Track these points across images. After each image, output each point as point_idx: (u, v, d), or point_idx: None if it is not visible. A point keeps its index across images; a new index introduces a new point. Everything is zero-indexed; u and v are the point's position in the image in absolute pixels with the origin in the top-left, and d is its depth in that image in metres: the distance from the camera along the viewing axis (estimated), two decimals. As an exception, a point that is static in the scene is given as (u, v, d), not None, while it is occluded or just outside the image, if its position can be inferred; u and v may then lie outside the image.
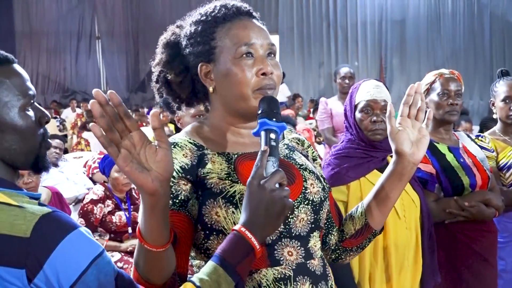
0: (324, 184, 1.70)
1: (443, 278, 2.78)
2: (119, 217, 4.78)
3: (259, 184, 1.29)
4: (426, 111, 1.72)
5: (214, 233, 1.51)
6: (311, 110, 13.11)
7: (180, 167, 1.51)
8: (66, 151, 9.81)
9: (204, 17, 1.60)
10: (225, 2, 1.63)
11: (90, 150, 9.75)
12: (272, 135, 1.39)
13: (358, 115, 2.61)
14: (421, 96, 1.68)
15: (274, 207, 1.29)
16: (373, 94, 2.58)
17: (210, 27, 1.58)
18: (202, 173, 1.53)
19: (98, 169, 5.97)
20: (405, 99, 1.67)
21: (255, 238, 1.29)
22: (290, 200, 1.32)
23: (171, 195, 1.47)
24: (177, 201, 1.49)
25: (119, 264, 4.53)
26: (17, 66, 1.49)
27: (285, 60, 16.88)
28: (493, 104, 3.44)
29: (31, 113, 1.46)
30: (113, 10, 19.76)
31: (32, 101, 1.47)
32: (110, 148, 1.26)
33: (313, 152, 1.82)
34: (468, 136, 3.22)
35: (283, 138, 1.78)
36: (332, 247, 1.80)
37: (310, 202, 1.59)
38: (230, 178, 1.52)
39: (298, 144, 1.79)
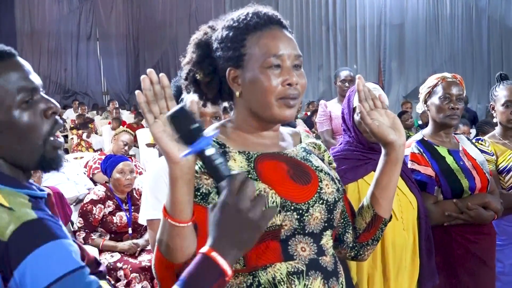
0: (339, 185, 1.74)
1: (441, 281, 2.79)
2: (120, 217, 4.78)
3: (235, 206, 1.25)
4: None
5: None
6: (308, 113, 13.03)
7: None
8: (67, 152, 9.84)
9: (236, 24, 1.63)
10: (257, 9, 1.66)
11: (93, 150, 9.79)
12: (208, 152, 1.34)
13: (356, 117, 2.61)
14: (365, 88, 1.77)
15: (251, 227, 1.25)
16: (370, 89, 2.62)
17: (241, 34, 1.61)
18: None
19: (98, 170, 6.00)
20: (359, 96, 1.76)
21: (227, 261, 1.24)
22: (268, 210, 1.28)
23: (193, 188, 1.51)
24: (198, 193, 1.53)
25: (119, 265, 4.51)
26: (13, 60, 1.42)
27: (285, 63, 16.97)
28: (493, 108, 3.45)
29: (32, 108, 1.39)
30: (114, 12, 19.84)
31: (32, 95, 1.40)
32: (148, 114, 1.38)
33: (329, 156, 1.87)
34: (468, 139, 3.21)
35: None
36: (350, 245, 1.84)
37: (324, 201, 1.63)
38: (249, 176, 1.57)
39: (315, 148, 1.83)
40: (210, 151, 1.34)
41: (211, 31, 1.72)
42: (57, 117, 1.45)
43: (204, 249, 1.25)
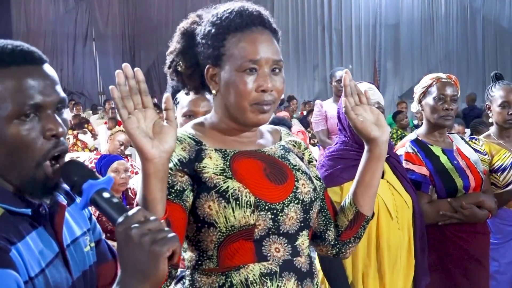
0: (316, 185, 1.73)
1: (436, 279, 2.80)
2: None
3: (125, 232, 1.16)
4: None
5: (206, 225, 1.55)
6: (304, 112, 13.10)
7: (178, 160, 1.53)
8: None
9: (219, 21, 1.61)
10: (242, 7, 1.62)
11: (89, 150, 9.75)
12: (106, 195, 1.25)
13: None
14: (351, 83, 1.77)
15: (145, 253, 1.14)
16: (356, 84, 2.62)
17: (221, 33, 1.59)
18: (198, 167, 1.55)
19: (95, 169, 6.06)
20: (345, 92, 1.75)
21: None
22: (167, 237, 1.16)
23: (168, 185, 1.47)
24: (172, 191, 1.51)
25: None
26: (19, 69, 1.28)
27: (280, 63, 17.03)
28: (488, 108, 3.44)
29: (30, 123, 1.27)
30: (110, 12, 19.72)
31: (35, 109, 1.27)
32: (122, 109, 1.33)
33: (310, 154, 1.85)
34: (462, 138, 3.21)
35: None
36: (332, 243, 1.83)
37: (300, 201, 1.61)
38: (224, 174, 1.55)
39: (295, 146, 1.81)
40: (101, 196, 1.24)
41: (199, 20, 1.70)
42: (62, 140, 1.33)
43: None
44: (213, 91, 1.64)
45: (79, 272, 1.40)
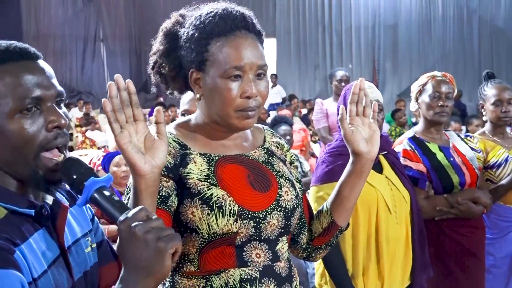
0: (299, 191, 1.70)
1: (433, 272, 2.79)
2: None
3: (129, 229, 1.16)
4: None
5: (188, 231, 1.54)
6: (302, 111, 13.13)
7: None
8: (71, 149, 9.84)
9: (202, 25, 1.55)
10: (225, 11, 1.56)
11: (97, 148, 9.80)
12: (106, 193, 1.26)
13: None
14: (365, 91, 1.69)
15: (150, 249, 1.14)
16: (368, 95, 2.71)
17: (205, 38, 1.53)
18: (183, 173, 1.53)
19: (100, 167, 6.07)
20: (351, 98, 1.68)
21: None
22: (169, 235, 1.17)
23: None
24: (158, 196, 1.46)
25: None
26: (28, 64, 1.30)
27: (282, 63, 16.96)
28: (482, 107, 3.44)
29: (33, 117, 1.26)
30: (117, 14, 19.68)
31: (37, 103, 1.27)
32: (114, 123, 1.30)
33: (292, 156, 1.82)
34: (458, 135, 3.25)
35: (267, 142, 1.74)
36: (303, 246, 1.81)
37: (282, 209, 1.59)
38: (208, 180, 1.53)
39: (278, 148, 1.77)
40: (101, 194, 1.25)
41: (182, 20, 1.65)
42: (64, 131, 1.32)
43: None
44: (197, 95, 1.60)
45: (80, 273, 1.38)
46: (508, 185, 3.26)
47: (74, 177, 1.26)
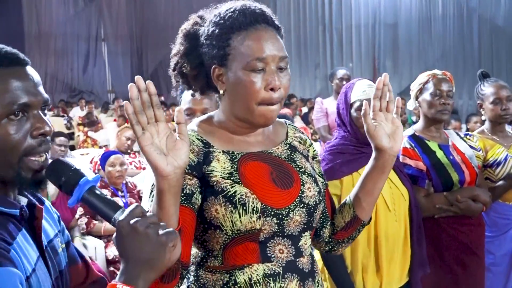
0: (321, 187, 1.70)
1: (433, 270, 2.82)
2: (117, 201, 4.86)
3: (129, 225, 1.21)
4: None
5: (212, 227, 1.55)
6: (302, 109, 13.12)
7: None
8: (73, 148, 9.79)
9: (222, 21, 1.56)
10: (244, 6, 1.57)
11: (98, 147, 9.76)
12: (97, 192, 1.29)
13: (353, 113, 2.61)
14: (389, 87, 1.68)
15: (152, 243, 1.20)
16: (369, 94, 2.57)
17: (226, 32, 1.54)
18: (206, 170, 1.54)
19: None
20: (375, 94, 1.68)
21: (137, 287, 1.19)
22: (168, 230, 1.24)
23: None
24: (182, 194, 1.47)
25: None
26: (15, 70, 1.30)
27: (283, 62, 17.07)
28: (480, 106, 3.44)
29: (19, 123, 1.27)
30: (118, 14, 19.76)
31: (23, 109, 1.29)
32: (136, 126, 1.30)
33: (314, 150, 1.81)
34: (458, 134, 3.24)
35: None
36: (326, 240, 1.82)
37: (305, 205, 1.60)
38: (232, 178, 1.54)
39: (300, 143, 1.77)
40: (93, 193, 1.28)
41: (200, 21, 1.65)
42: (47, 138, 1.34)
43: (108, 286, 1.19)
44: (220, 91, 1.60)
45: (57, 272, 1.39)
46: (506, 185, 3.28)
47: (63, 178, 1.27)
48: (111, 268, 4.66)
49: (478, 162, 3.24)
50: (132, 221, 1.20)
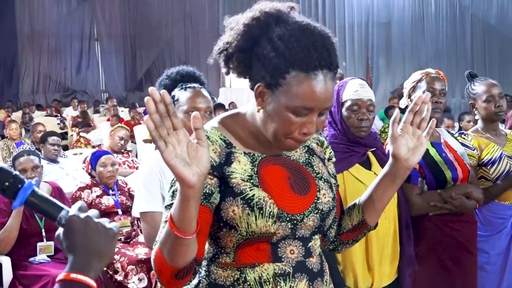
0: (335, 192, 1.72)
1: (426, 267, 2.84)
2: (107, 199, 4.87)
3: (81, 219, 1.24)
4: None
5: (227, 227, 1.57)
6: None
7: None
8: (66, 148, 9.83)
9: (286, 52, 1.47)
10: (313, 41, 1.47)
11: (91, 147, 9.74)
12: (40, 194, 1.30)
13: (344, 112, 2.64)
14: (428, 106, 1.66)
15: (103, 234, 1.24)
16: (360, 94, 2.61)
17: (285, 66, 1.47)
18: (227, 171, 1.55)
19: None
20: (411, 107, 1.66)
21: (89, 276, 1.21)
22: (113, 224, 1.27)
23: None
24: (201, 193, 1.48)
25: (116, 257, 4.52)
26: None
27: (276, 61, 17.09)
28: (473, 106, 3.45)
29: None
30: (112, 13, 19.85)
31: None
32: (159, 141, 1.29)
33: (331, 152, 1.82)
34: (449, 132, 3.24)
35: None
36: (331, 239, 1.84)
37: (319, 211, 1.62)
38: (251, 181, 1.55)
39: (318, 145, 1.78)
40: (37, 196, 1.29)
41: (264, 19, 1.53)
42: None
43: (61, 276, 1.20)
44: (258, 107, 1.56)
45: None
46: (503, 186, 3.30)
47: (7, 184, 1.28)
48: (104, 268, 4.62)
49: (473, 161, 3.27)
50: (82, 216, 1.24)
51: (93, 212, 1.26)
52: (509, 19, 15.29)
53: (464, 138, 3.36)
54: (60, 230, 1.26)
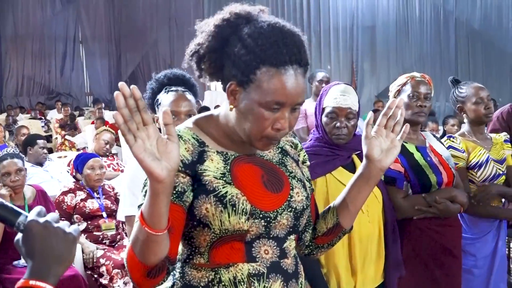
0: (309, 192, 1.73)
1: (411, 270, 2.83)
2: (92, 203, 4.84)
3: (41, 224, 1.23)
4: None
5: (201, 225, 1.57)
6: None
7: (181, 160, 1.52)
8: (51, 151, 9.65)
9: (256, 49, 1.49)
10: (282, 38, 1.49)
11: (76, 150, 9.71)
12: None
13: (324, 118, 2.65)
14: (402, 110, 1.68)
15: (63, 238, 1.24)
16: (339, 102, 2.60)
17: (256, 62, 1.49)
18: (200, 169, 1.56)
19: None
20: (384, 111, 1.68)
21: (49, 282, 1.19)
22: (73, 227, 1.28)
23: None
24: (174, 192, 1.50)
25: (102, 261, 4.54)
26: None
27: (261, 64, 17.13)
28: (461, 110, 3.47)
29: None
30: (96, 15, 19.70)
31: None
32: (128, 135, 1.30)
33: (304, 155, 1.84)
34: (434, 135, 3.24)
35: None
36: (306, 243, 1.84)
37: (293, 209, 1.63)
38: (224, 179, 1.56)
39: (292, 147, 1.80)
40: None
41: (234, 21, 1.56)
42: None
43: (19, 283, 1.18)
44: (230, 106, 1.58)
45: None
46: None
47: None
48: (89, 272, 4.64)
49: (462, 163, 3.30)
50: (42, 220, 1.23)
51: (52, 216, 1.25)
52: (493, 23, 15.52)
53: (452, 141, 3.38)
54: (19, 236, 1.25)
